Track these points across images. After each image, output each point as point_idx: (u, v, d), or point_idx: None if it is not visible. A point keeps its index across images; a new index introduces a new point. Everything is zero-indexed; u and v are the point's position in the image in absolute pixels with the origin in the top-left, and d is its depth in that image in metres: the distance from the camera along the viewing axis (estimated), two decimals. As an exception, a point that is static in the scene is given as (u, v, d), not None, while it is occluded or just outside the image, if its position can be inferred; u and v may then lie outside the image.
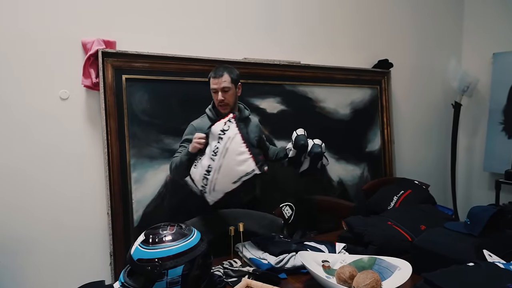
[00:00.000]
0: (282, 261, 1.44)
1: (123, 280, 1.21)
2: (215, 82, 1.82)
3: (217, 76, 1.82)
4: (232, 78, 1.85)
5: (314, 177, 2.04)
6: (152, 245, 1.19)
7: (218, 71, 1.83)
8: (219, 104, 1.84)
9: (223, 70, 1.83)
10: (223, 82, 1.81)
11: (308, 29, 2.73)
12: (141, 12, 2.15)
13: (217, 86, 1.82)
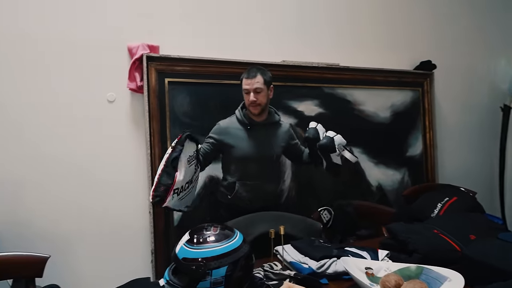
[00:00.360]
0: (323, 266, 1.42)
1: (168, 278, 1.24)
2: (248, 83, 1.81)
3: (250, 76, 1.81)
4: (265, 79, 1.83)
5: (338, 176, 1.94)
6: (197, 245, 1.20)
7: (251, 72, 1.82)
8: (250, 104, 1.83)
9: (256, 71, 1.83)
10: (256, 83, 1.80)
11: (347, 31, 2.68)
12: (182, 17, 2.21)
13: (250, 87, 1.81)
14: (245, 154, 1.88)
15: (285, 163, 2.42)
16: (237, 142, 1.88)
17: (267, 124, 1.94)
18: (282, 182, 2.35)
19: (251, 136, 1.89)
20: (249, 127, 1.89)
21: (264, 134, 1.92)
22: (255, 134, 1.90)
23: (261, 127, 1.92)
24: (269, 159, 1.94)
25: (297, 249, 1.59)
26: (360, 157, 2.66)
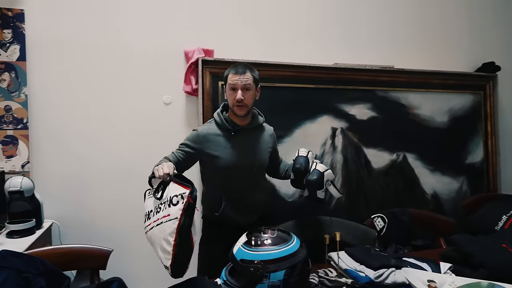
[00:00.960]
0: (381, 275, 1.36)
1: (225, 278, 1.25)
2: (236, 78, 1.57)
3: (238, 72, 1.58)
4: (254, 77, 1.62)
5: (321, 204, 1.67)
6: (255, 247, 1.21)
7: (239, 68, 1.60)
8: (236, 104, 1.58)
9: (245, 68, 1.61)
10: (245, 79, 1.57)
11: (402, 32, 2.59)
12: (236, 20, 2.25)
13: (238, 83, 1.57)
14: (230, 164, 1.61)
15: (335, 166, 2.37)
16: (220, 151, 1.61)
17: (252, 128, 1.69)
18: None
19: (235, 143, 1.63)
20: (233, 133, 1.63)
21: (249, 139, 1.68)
22: (240, 140, 1.65)
23: (246, 131, 1.67)
24: (258, 168, 1.70)
25: (352, 257, 1.54)
26: (414, 164, 2.55)
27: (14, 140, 1.92)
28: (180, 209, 1.22)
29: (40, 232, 1.79)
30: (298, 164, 1.63)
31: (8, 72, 1.90)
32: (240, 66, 1.62)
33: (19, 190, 1.70)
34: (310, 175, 1.60)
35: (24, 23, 1.91)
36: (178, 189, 1.27)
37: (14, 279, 1.23)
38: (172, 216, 1.22)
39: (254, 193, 1.70)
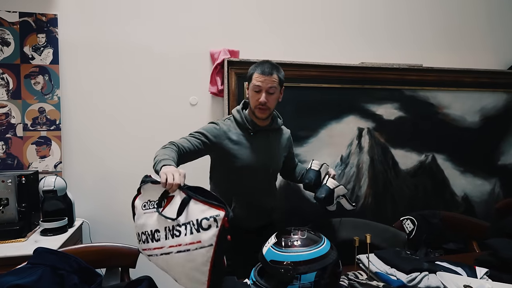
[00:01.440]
0: (414, 279, 1.33)
1: (254, 279, 1.25)
2: (262, 80, 1.49)
3: (265, 72, 1.49)
4: (280, 79, 1.54)
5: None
6: (285, 248, 1.20)
7: (266, 67, 1.51)
8: (258, 105, 1.51)
9: (271, 68, 1.51)
10: (272, 81, 1.49)
11: (430, 29, 2.52)
12: (260, 21, 2.25)
13: (263, 85, 1.49)
14: (247, 164, 1.54)
15: (362, 167, 2.33)
16: (239, 150, 1.54)
17: (270, 130, 1.63)
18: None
19: (254, 144, 1.57)
20: (252, 133, 1.57)
21: (267, 141, 1.62)
22: (258, 141, 1.59)
23: (264, 133, 1.61)
24: (273, 171, 1.66)
25: (382, 259, 1.51)
26: (444, 165, 2.48)
27: (47, 141, 1.99)
28: (214, 235, 1.05)
29: (72, 230, 1.84)
30: (308, 179, 1.58)
31: (42, 75, 1.97)
32: (267, 65, 1.52)
33: (52, 189, 1.76)
34: (319, 192, 1.55)
35: (57, 27, 1.98)
36: (207, 210, 1.07)
37: (50, 275, 1.27)
38: (205, 243, 1.06)
39: (266, 197, 1.65)
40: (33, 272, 1.26)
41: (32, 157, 1.97)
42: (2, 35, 1.92)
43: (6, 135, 1.94)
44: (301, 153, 2.23)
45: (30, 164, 1.97)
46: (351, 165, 2.32)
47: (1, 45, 1.92)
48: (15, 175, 1.74)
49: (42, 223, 1.76)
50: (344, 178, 2.31)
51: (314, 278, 1.16)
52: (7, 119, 1.94)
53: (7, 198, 1.72)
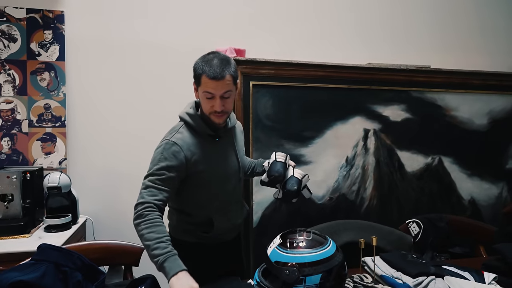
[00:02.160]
0: (421, 283, 1.31)
1: (258, 280, 1.24)
2: (214, 86, 1.25)
3: (216, 76, 1.23)
4: (234, 77, 1.30)
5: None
6: (290, 249, 1.19)
7: (216, 68, 1.24)
8: (214, 113, 1.30)
9: (222, 68, 1.25)
10: (225, 85, 1.26)
11: (439, 30, 2.50)
12: (267, 20, 2.24)
13: (217, 92, 1.26)
14: (218, 175, 1.37)
15: (367, 169, 2.31)
16: (205, 162, 1.33)
17: (230, 128, 1.45)
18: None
19: (219, 150, 1.40)
20: (217, 138, 1.39)
21: (231, 141, 1.46)
22: (222, 145, 1.42)
23: (226, 133, 1.44)
24: (242, 173, 1.51)
25: (388, 262, 1.49)
26: (450, 168, 2.45)
27: (52, 138, 1.99)
28: None
29: (75, 227, 1.84)
30: (276, 172, 1.37)
31: (48, 71, 1.97)
32: (216, 63, 1.25)
33: (57, 186, 1.76)
34: (290, 184, 1.38)
35: (64, 24, 1.98)
36: None
37: (53, 272, 1.26)
38: None
39: (240, 203, 1.53)
40: (36, 268, 1.25)
41: (37, 154, 1.97)
42: (9, 31, 1.92)
43: (12, 131, 1.95)
44: (306, 153, 2.22)
45: (35, 160, 1.97)
46: (357, 166, 2.30)
47: (8, 41, 1.92)
48: (20, 171, 1.74)
49: (46, 219, 1.76)
50: (349, 180, 2.29)
51: (320, 280, 1.14)
52: (12, 115, 1.94)
53: (12, 194, 1.72)
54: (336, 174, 2.27)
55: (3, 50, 1.92)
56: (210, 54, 1.31)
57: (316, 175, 2.23)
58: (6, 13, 1.91)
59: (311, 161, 2.22)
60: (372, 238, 1.41)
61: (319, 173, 2.24)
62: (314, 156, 2.23)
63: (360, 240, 1.47)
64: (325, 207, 2.24)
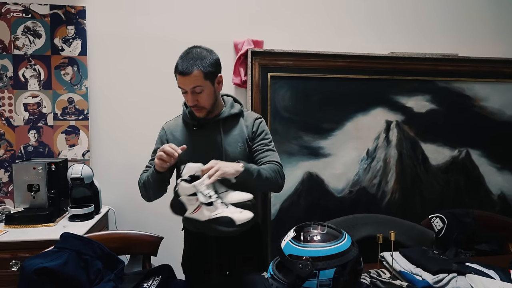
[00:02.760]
0: (441, 281, 1.26)
1: (272, 272, 1.23)
2: (183, 81, 1.29)
3: (184, 72, 1.27)
4: (205, 73, 1.28)
5: None
6: (304, 242, 1.17)
7: (184, 64, 1.27)
8: (191, 106, 1.35)
9: (191, 63, 1.27)
10: (193, 81, 1.27)
11: (467, 16, 2.36)
12: (284, 11, 2.20)
13: (186, 87, 1.29)
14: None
15: (389, 162, 2.24)
16: (186, 154, 1.30)
17: (221, 120, 1.40)
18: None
19: (198, 140, 1.39)
20: (195, 127, 1.39)
21: (217, 134, 1.39)
22: (204, 136, 1.39)
23: (213, 124, 1.40)
24: None
25: (408, 258, 1.45)
26: (479, 161, 2.34)
27: (76, 130, 2.05)
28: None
29: (98, 217, 1.89)
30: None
31: (71, 66, 2.02)
32: (186, 59, 1.28)
33: (79, 177, 1.81)
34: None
35: (85, 19, 2.02)
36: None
37: (75, 259, 1.31)
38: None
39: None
40: (59, 256, 1.30)
41: (62, 146, 2.04)
42: (34, 28, 1.99)
43: (38, 124, 2.02)
44: (325, 146, 2.18)
45: (60, 152, 2.04)
46: (378, 159, 2.24)
47: (33, 37, 1.99)
48: (45, 162, 1.81)
49: (70, 209, 1.83)
50: (370, 173, 2.24)
51: (333, 274, 1.12)
52: (38, 108, 2.02)
53: (38, 184, 1.79)
54: (357, 167, 2.22)
55: (29, 46, 1.98)
56: (190, 48, 1.34)
57: (335, 167, 2.19)
58: (31, 10, 1.97)
59: (330, 153, 2.18)
60: (390, 233, 1.37)
61: (339, 166, 2.20)
62: (334, 148, 2.19)
63: (378, 235, 1.43)
64: (344, 200, 2.20)
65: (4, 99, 1.99)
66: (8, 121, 2.00)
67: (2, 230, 1.68)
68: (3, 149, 2.00)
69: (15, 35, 1.97)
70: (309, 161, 2.16)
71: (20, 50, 1.98)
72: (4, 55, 1.97)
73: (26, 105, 2.01)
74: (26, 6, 1.97)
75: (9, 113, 2.00)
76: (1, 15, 1.96)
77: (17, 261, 1.58)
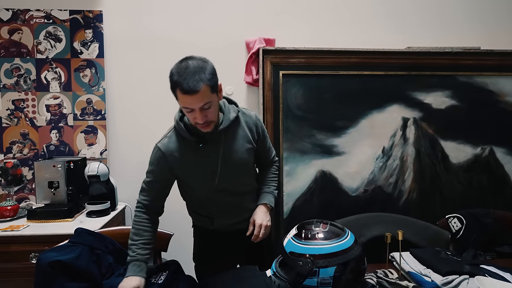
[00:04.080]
0: (450, 283, 1.21)
1: (275, 270, 1.23)
2: (190, 101, 1.18)
3: (190, 91, 1.15)
4: (211, 86, 1.19)
5: None
6: (305, 240, 1.16)
7: (189, 82, 1.15)
8: (198, 125, 1.25)
9: (196, 80, 1.15)
10: (202, 98, 1.17)
11: (490, 6, 2.25)
12: (296, 8, 2.18)
13: (194, 107, 1.19)
14: (203, 179, 1.35)
15: (406, 160, 2.18)
16: (188, 171, 1.35)
17: (223, 130, 1.33)
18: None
19: (204, 156, 1.33)
20: (201, 144, 1.32)
21: (219, 145, 1.34)
22: (209, 150, 1.33)
23: (215, 135, 1.33)
24: (237, 175, 1.39)
25: (418, 259, 1.41)
26: (504, 159, 2.22)
27: (94, 130, 2.13)
28: None
29: (114, 213, 1.96)
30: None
31: (89, 68, 2.10)
32: (188, 75, 1.16)
33: (96, 175, 1.88)
34: None
35: (103, 23, 2.10)
36: None
37: (88, 254, 1.36)
38: None
39: (244, 202, 1.46)
40: (73, 250, 1.36)
41: (81, 145, 2.13)
42: (55, 32, 2.08)
43: (59, 124, 2.12)
44: (339, 144, 2.14)
45: (80, 151, 2.13)
46: (394, 157, 2.18)
47: (54, 42, 2.09)
48: (64, 160, 1.89)
49: (87, 205, 1.90)
50: (386, 171, 2.18)
51: (334, 273, 1.11)
52: (59, 109, 2.11)
53: (58, 182, 1.88)
54: (372, 166, 2.17)
55: (50, 50, 2.08)
56: (184, 60, 1.22)
57: (349, 166, 2.15)
58: (52, 16, 2.07)
59: (344, 151, 2.14)
60: (398, 232, 1.33)
61: (353, 165, 2.15)
62: (348, 146, 2.15)
63: (386, 234, 1.40)
64: (359, 199, 2.15)
65: (28, 101, 2.10)
66: (32, 121, 2.11)
67: (24, 224, 1.77)
68: (27, 148, 2.11)
69: (38, 40, 2.08)
70: (322, 159, 2.13)
71: (42, 54, 2.08)
72: (28, 59, 2.08)
73: (48, 106, 2.11)
74: (48, 12, 2.07)
75: (33, 114, 2.10)
76: (25, 21, 2.07)
77: (36, 254, 1.66)
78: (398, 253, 1.41)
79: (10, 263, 1.67)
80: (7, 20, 2.06)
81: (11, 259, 1.67)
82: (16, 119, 2.10)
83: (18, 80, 2.09)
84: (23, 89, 2.09)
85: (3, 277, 1.66)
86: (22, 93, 2.09)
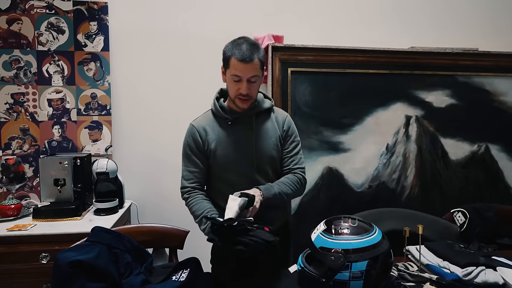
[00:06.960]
0: (470, 273, 1.27)
1: (302, 265, 1.24)
2: (242, 68, 1.27)
3: (245, 59, 1.26)
4: (262, 62, 1.31)
5: None
6: (335, 235, 1.19)
7: (245, 51, 1.27)
8: (239, 96, 1.33)
9: (252, 51, 1.27)
10: (253, 69, 1.28)
11: (487, 10, 2.34)
12: (305, 5, 2.19)
13: (244, 75, 1.28)
14: (228, 159, 1.38)
15: (408, 157, 2.24)
16: (218, 144, 1.38)
17: (255, 115, 1.41)
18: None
19: (232, 134, 1.39)
20: (229, 122, 1.39)
21: (249, 128, 1.40)
22: (238, 130, 1.40)
23: (246, 119, 1.40)
24: (259, 164, 1.40)
25: (434, 252, 1.46)
26: (498, 156, 2.34)
27: (99, 125, 2.07)
28: None
29: (122, 211, 1.92)
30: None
31: (94, 61, 2.04)
32: (245, 47, 1.27)
33: (105, 172, 1.84)
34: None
35: (108, 15, 2.04)
36: None
37: (106, 253, 1.33)
38: None
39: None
40: (91, 249, 1.32)
41: (85, 141, 2.07)
42: (58, 24, 2.01)
43: (62, 120, 2.05)
44: (345, 141, 2.19)
45: (84, 147, 2.07)
46: (397, 154, 2.24)
47: (56, 33, 2.01)
48: (71, 157, 1.83)
49: (95, 203, 1.85)
50: (389, 168, 2.24)
51: (366, 267, 1.14)
52: (62, 104, 2.04)
53: (64, 179, 1.82)
54: (376, 162, 2.23)
55: (52, 42, 2.01)
56: (240, 38, 1.34)
57: (355, 162, 2.20)
58: (54, 6, 1.99)
59: (350, 148, 2.19)
60: (418, 226, 1.38)
61: (359, 161, 2.20)
62: (353, 143, 2.19)
63: (405, 229, 1.44)
64: (364, 195, 2.21)
65: (28, 95, 2.02)
66: (32, 116, 2.03)
67: (30, 224, 1.71)
68: (27, 144, 2.03)
69: (39, 31, 2.00)
70: (329, 156, 2.17)
71: (43, 46, 2.00)
72: (28, 51, 2.00)
73: (50, 101, 2.03)
74: (50, 2, 1.99)
75: (34, 108, 2.02)
76: (25, 11, 1.98)
77: (47, 254, 1.61)
78: (413, 247, 1.46)
79: (18, 264, 1.61)
80: (5, 9, 1.97)
81: (19, 260, 1.61)
82: (15, 113, 2.01)
83: (17, 73, 2.00)
84: (23, 82, 2.01)
85: (11, 278, 1.60)
86: (22, 86, 2.01)
